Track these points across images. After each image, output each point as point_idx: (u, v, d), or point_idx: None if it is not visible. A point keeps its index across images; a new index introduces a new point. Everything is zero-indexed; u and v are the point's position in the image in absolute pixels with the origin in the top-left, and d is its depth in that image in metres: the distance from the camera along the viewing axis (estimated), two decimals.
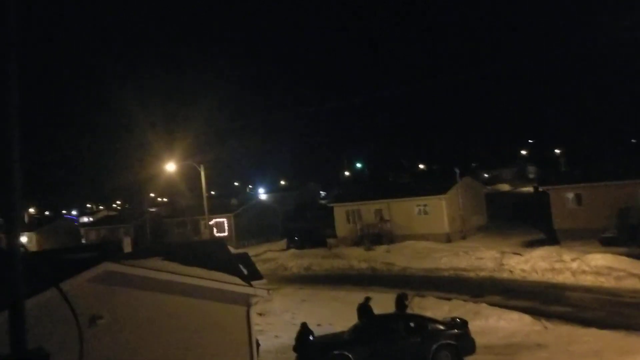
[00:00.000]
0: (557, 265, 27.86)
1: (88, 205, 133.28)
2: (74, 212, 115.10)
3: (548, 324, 20.15)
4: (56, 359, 2.07)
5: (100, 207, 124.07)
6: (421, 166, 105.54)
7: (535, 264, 28.95)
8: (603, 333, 17.97)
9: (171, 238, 57.72)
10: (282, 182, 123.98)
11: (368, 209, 46.16)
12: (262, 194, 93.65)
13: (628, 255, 27.40)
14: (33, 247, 62.70)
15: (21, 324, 2.02)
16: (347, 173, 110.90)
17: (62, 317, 8.98)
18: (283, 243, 49.96)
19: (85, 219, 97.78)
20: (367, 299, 20.03)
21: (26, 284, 2.18)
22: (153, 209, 76.16)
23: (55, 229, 69.23)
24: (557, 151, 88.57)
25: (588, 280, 25.81)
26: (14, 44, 2.21)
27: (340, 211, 48.23)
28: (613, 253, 27.84)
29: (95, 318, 10.10)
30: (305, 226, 59.70)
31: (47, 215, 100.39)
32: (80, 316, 9.89)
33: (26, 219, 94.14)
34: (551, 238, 37.08)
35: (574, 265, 27.25)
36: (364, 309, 19.41)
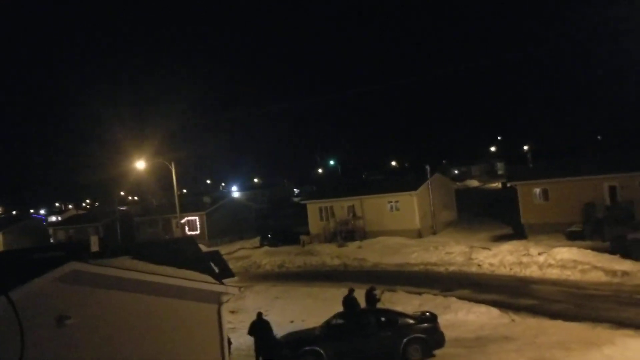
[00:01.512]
0: (525, 259, 28.35)
1: (57, 204, 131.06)
2: (42, 211, 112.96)
3: (515, 317, 20.53)
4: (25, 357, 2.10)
5: (69, 206, 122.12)
6: (393, 163, 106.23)
7: (503, 258, 29.42)
8: (569, 325, 18.39)
9: (142, 237, 57.14)
10: (256, 180, 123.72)
11: (341, 206, 46.34)
12: (236, 192, 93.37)
13: (593, 248, 27.98)
14: None
15: None
16: (320, 170, 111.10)
17: (33, 311, 8.92)
18: (256, 241, 49.92)
19: (53, 218, 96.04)
20: (352, 291, 20.34)
21: None
22: (123, 208, 75.25)
23: (23, 229, 67.75)
24: (525, 148, 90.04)
25: (554, 273, 26.32)
26: None
27: (313, 208, 48.32)
28: (578, 247, 28.40)
29: (63, 318, 9.98)
30: (279, 223, 59.75)
31: (14, 215, 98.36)
32: (47, 317, 9.82)
33: None
34: (519, 232, 37.75)
35: (541, 259, 27.75)
36: (349, 301, 19.65)
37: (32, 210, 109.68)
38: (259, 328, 17.49)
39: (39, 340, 9.53)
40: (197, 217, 56.08)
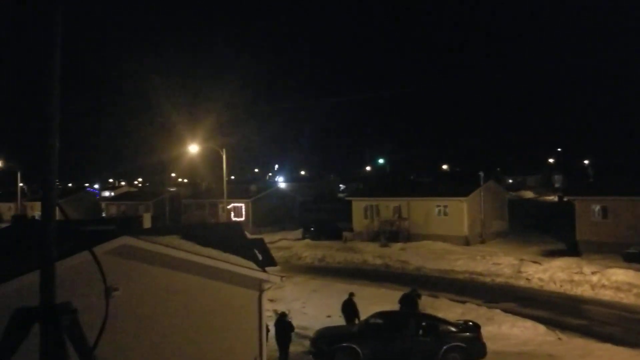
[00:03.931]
0: (577, 277, 27.42)
1: (110, 180, 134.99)
2: (96, 186, 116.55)
3: (562, 336, 19.84)
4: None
5: (122, 183, 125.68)
6: (444, 167, 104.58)
7: (553, 274, 28.52)
8: (618, 349, 17.64)
9: (189, 219, 58.20)
10: (302, 172, 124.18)
11: (386, 206, 45.92)
12: (282, 183, 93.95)
13: None
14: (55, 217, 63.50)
15: (51, 280, 2.04)
16: (368, 168, 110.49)
17: (86, 280, 9.10)
18: (298, 232, 50.00)
19: (106, 193, 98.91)
20: (414, 291, 20.64)
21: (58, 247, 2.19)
22: (173, 189, 76.87)
23: (78, 201, 70.02)
24: (585, 162, 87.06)
25: (607, 295, 25.34)
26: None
27: (358, 205, 48.08)
28: (635, 269, 27.31)
29: (111, 290, 10.14)
30: (322, 218, 59.76)
31: (70, 187, 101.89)
32: (97, 286, 9.99)
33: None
34: (572, 249, 36.45)
35: (594, 278, 26.78)
36: (408, 300, 19.65)
37: (86, 184, 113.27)
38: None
39: (89, 307, 9.68)
40: (242, 204, 56.72)
